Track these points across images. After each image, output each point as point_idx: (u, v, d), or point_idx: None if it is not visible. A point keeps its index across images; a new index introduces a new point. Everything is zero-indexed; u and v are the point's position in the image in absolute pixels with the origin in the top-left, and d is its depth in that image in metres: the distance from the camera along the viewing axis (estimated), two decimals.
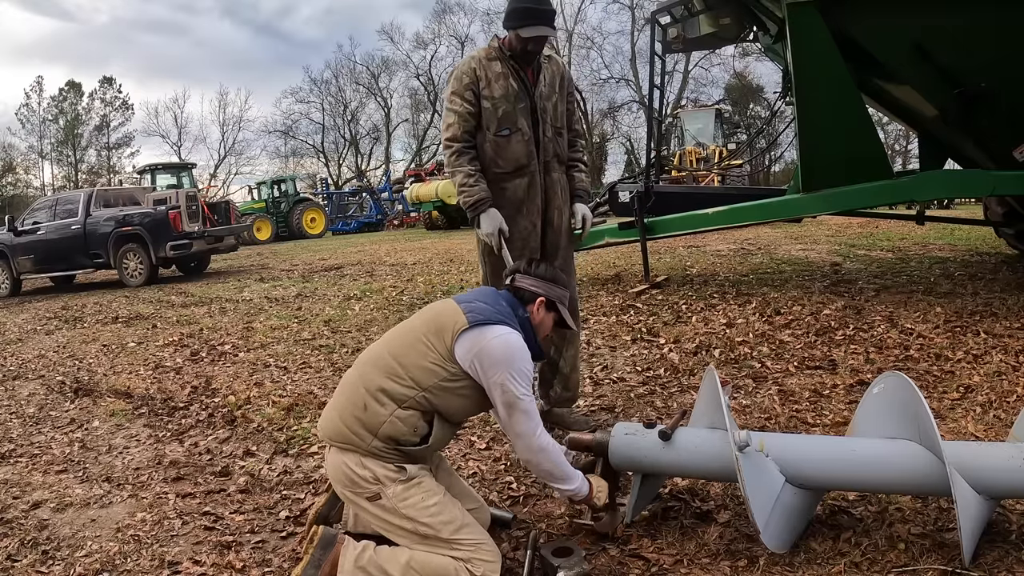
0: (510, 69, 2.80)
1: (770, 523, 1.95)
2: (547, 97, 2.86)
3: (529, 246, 2.90)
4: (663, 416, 3.22)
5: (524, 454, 2.01)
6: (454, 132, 2.82)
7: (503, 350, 1.93)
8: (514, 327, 2.01)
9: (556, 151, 2.92)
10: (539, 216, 2.91)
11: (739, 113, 34.65)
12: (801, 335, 4.39)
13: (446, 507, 1.93)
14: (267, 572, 2.14)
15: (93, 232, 10.94)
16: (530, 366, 2.00)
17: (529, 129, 2.83)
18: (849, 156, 5.05)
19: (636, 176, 10.22)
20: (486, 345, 1.93)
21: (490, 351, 1.93)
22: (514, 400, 1.93)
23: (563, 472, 2.03)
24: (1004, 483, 1.84)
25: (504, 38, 2.85)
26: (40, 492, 2.88)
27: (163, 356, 5.32)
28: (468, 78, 2.80)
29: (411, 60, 41.49)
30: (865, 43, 4.87)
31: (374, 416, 1.91)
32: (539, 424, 1.99)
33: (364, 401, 1.94)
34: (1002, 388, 3.21)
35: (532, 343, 2.07)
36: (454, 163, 2.85)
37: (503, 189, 2.85)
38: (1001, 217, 6.66)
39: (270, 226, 23.07)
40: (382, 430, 1.90)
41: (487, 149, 2.83)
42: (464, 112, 2.80)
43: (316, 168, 43.08)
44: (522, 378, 1.94)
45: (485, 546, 1.90)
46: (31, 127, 40.21)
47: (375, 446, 1.90)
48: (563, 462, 2.04)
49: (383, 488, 1.90)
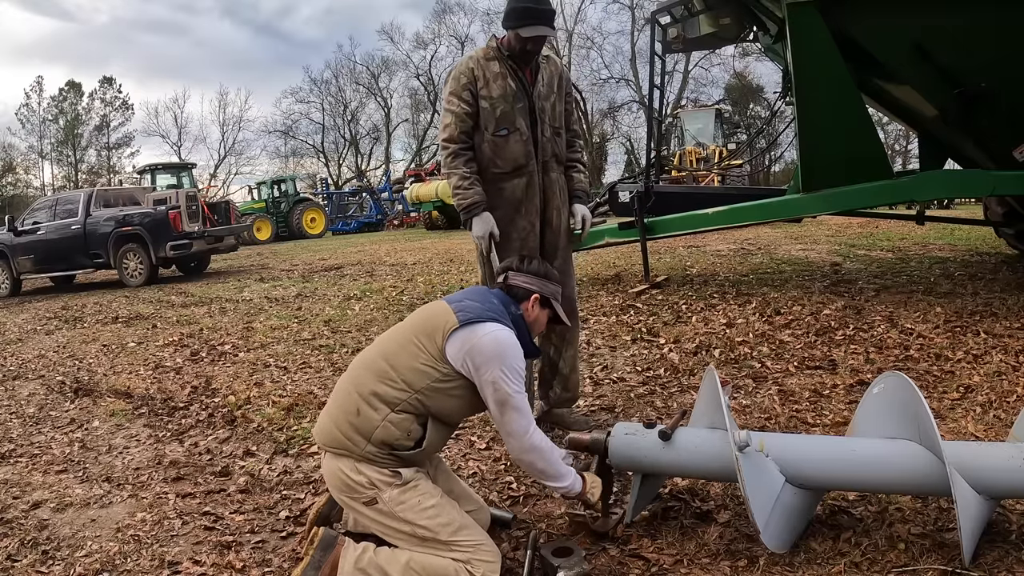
0: (508, 69, 2.80)
1: (770, 523, 1.95)
2: (545, 97, 2.86)
3: (528, 246, 2.89)
4: (663, 416, 3.22)
5: (517, 453, 2.01)
6: (451, 133, 2.82)
7: (494, 347, 1.92)
8: (506, 324, 2.00)
9: (554, 151, 2.92)
10: (537, 216, 2.91)
11: (739, 113, 34.64)
12: (801, 335, 4.39)
13: (444, 509, 1.92)
14: (267, 572, 2.14)
15: (93, 232, 10.94)
16: (522, 363, 1.99)
17: (527, 129, 2.82)
18: (849, 156, 5.05)
19: (636, 176, 10.21)
20: (477, 343, 1.92)
21: (481, 348, 1.92)
22: (506, 397, 1.92)
23: (556, 470, 2.02)
24: (1004, 483, 1.84)
25: (502, 38, 2.85)
26: (40, 492, 2.88)
27: (163, 356, 5.32)
28: (466, 78, 2.80)
29: (411, 60, 41.57)
30: (865, 43, 4.87)
31: (367, 421, 1.90)
32: (532, 422, 1.99)
33: (357, 406, 1.92)
34: (1002, 388, 3.21)
35: (526, 340, 2.07)
36: (450, 164, 2.85)
37: (501, 189, 2.85)
38: (1001, 217, 6.67)
39: (270, 226, 23.07)
40: (376, 435, 1.89)
41: (485, 149, 2.83)
42: (461, 113, 2.80)
43: (316, 168, 43.16)
44: (514, 375, 1.93)
45: (484, 547, 1.90)
46: (31, 127, 40.28)
47: (369, 451, 1.89)
48: (556, 460, 2.03)
49: (379, 492, 1.89)
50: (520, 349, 1.99)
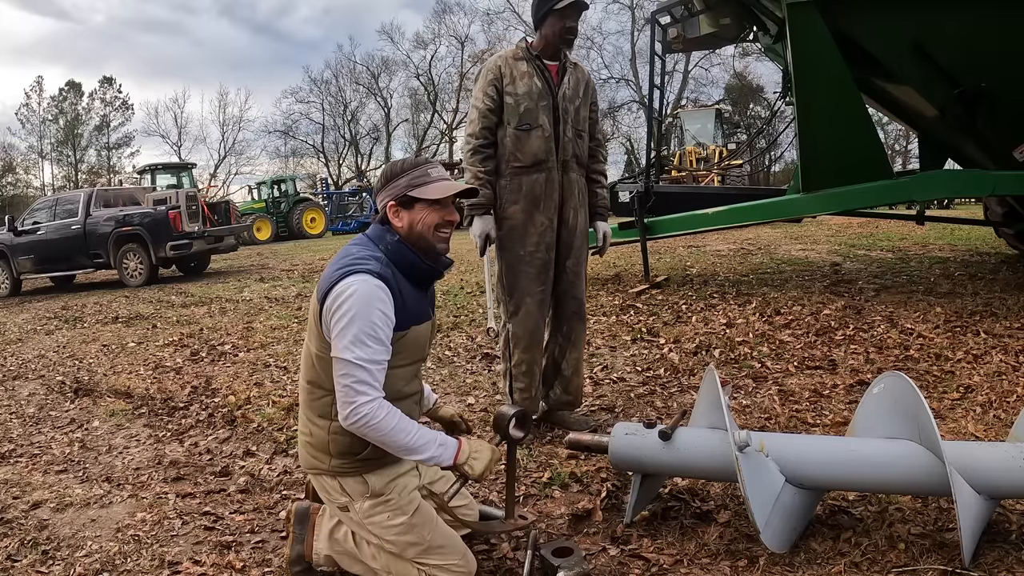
0: (535, 69, 2.87)
1: (770, 523, 1.95)
2: (570, 99, 2.91)
3: (545, 242, 2.92)
4: (663, 416, 3.22)
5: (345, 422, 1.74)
6: (473, 128, 2.92)
7: (343, 308, 1.69)
8: (363, 267, 1.72)
9: (576, 152, 2.96)
10: (555, 213, 2.94)
11: (739, 113, 34.63)
12: (801, 335, 4.39)
13: (413, 528, 1.82)
14: (267, 572, 2.14)
15: (93, 232, 10.94)
16: (380, 308, 1.71)
17: (550, 127, 2.87)
18: (849, 156, 5.05)
19: (636, 176, 10.20)
20: (335, 309, 1.71)
21: (336, 314, 1.70)
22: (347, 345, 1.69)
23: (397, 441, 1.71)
24: (1004, 483, 1.84)
25: (531, 41, 2.93)
26: (40, 492, 2.88)
27: (163, 356, 5.32)
28: (492, 74, 2.89)
29: (411, 60, 41.50)
30: (865, 43, 4.87)
31: (319, 440, 1.85)
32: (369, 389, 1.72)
33: (308, 428, 1.89)
34: (1002, 388, 3.21)
35: (413, 261, 1.82)
36: (468, 159, 2.93)
37: (521, 183, 2.89)
38: (1001, 217, 6.67)
39: (270, 226, 23.06)
40: (332, 448, 1.84)
41: (507, 143, 2.89)
42: (484, 109, 2.88)
43: (316, 168, 43.09)
44: (367, 328, 1.68)
45: (454, 567, 1.84)
46: (31, 127, 40.24)
47: (335, 464, 1.84)
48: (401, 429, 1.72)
49: (351, 502, 1.87)
50: (375, 296, 1.70)
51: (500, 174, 2.92)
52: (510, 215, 2.92)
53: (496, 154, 2.92)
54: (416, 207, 1.82)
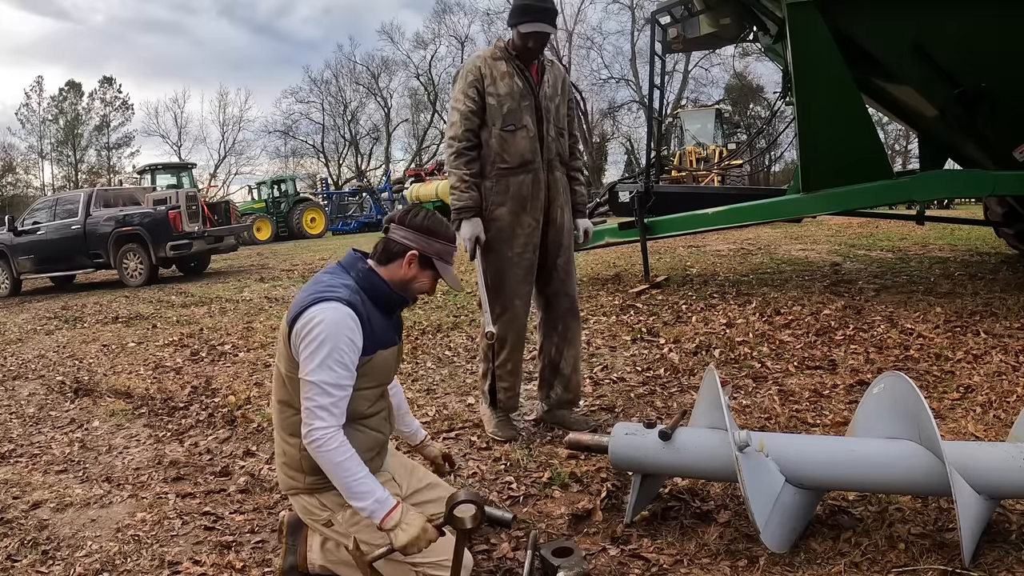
0: (515, 68, 2.85)
1: (770, 523, 1.95)
2: (550, 98, 2.91)
3: (532, 242, 2.92)
4: (663, 416, 3.22)
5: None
6: (456, 131, 2.87)
7: (314, 333, 1.74)
8: (334, 296, 1.78)
9: (559, 150, 2.96)
10: (542, 213, 2.94)
11: (739, 113, 34.63)
12: (801, 335, 4.39)
13: None
14: (267, 572, 2.14)
15: (93, 232, 10.94)
16: (348, 336, 1.76)
17: (534, 126, 2.86)
18: (849, 156, 5.05)
19: (636, 176, 10.20)
20: (304, 333, 1.76)
21: (306, 339, 1.75)
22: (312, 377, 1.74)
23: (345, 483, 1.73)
24: (1004, 483, 1.84)
25: (509, 39, 2.90)
26: (40, 492, 2.88)
27: (163, 356, 5.32)
28: (472, 76, 2.85)
29: (411, 60, 41.53)
30: (865, 43, 4.87)
31: (291, 458, 1.88)
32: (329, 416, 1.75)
33: (282, 448, 1.91)
34: (1002, 388, 3.21)
35: (386, 289, 1.89)
36: (452, 163, 2.89)
37: (508, 184, 2.88)
38: (1001, 217, 6.67)
39: (270, 226, 23.06)
40: (304, 465, 1.85)
41: (493, 144, 2.87)
42: (466, 111, 2.84)
43: (316, 168, 43.12)
44: (334, 354, 1.73)
45: (439, 564, 1.83)
46: (31, 127, 40.25)
47: (310, 482, 1.87)
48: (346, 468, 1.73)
49: (333, 515, 1.88)
50: (344, 324, 1.75)
51: (485, 176, 2.90)
52: (497, 217, 2.90)
53: (480, 156, 2.90)
54: (427, 271, 1.95)
